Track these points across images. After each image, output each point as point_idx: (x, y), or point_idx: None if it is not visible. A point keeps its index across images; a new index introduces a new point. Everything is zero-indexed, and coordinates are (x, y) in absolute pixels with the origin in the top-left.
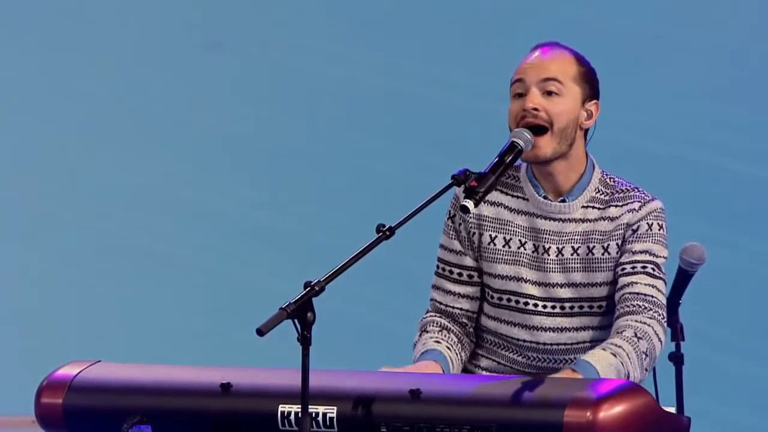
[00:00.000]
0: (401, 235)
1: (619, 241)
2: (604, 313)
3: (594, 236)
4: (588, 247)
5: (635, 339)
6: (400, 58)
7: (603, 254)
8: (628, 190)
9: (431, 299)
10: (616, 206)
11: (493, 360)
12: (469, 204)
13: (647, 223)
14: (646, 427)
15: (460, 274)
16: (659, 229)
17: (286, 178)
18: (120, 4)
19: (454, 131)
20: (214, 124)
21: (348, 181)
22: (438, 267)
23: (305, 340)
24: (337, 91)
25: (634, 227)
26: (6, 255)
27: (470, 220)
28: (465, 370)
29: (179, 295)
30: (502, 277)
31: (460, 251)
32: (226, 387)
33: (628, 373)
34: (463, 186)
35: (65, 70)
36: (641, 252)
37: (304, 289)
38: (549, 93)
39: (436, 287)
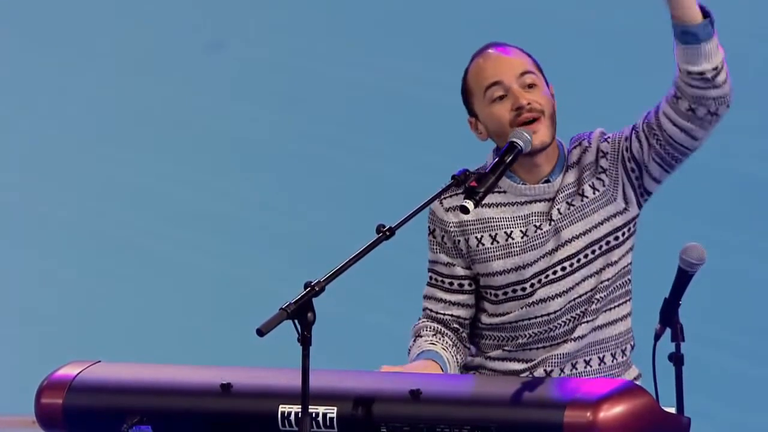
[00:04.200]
0: (401, 235)
1: (592, 181)
2: (599, 256)
3: (568, 191)
4: (567, 202)
5: None
6: (400, 59)
7: (582, 201)
8: (573, 139)
9: (423, 308)
10: (570, 152)
11: (503, 349)
12: (469, 204)
13: (606, 140)
14: (646, 427)
15: (451, 284)
16: (612, 133)
17: (286, 179)
18: (120, 4)
19: (454, 131)
20: (214, 125)
21: (348, 181)
22: (430, 278)
23: (305, 341)
24: (337, 92)
25: (601, 153)
26: (6, 255)
27: (451, 229)
28: (470, 365)
29: (180, 296)
30: (501, 273)
31: (448, 263)
32: (226, 387)
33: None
34: (443, 201)
35: (65, 70)
36: (629, 127)
37: (305, 289)
38: (530, 86)
39: (427, 297)
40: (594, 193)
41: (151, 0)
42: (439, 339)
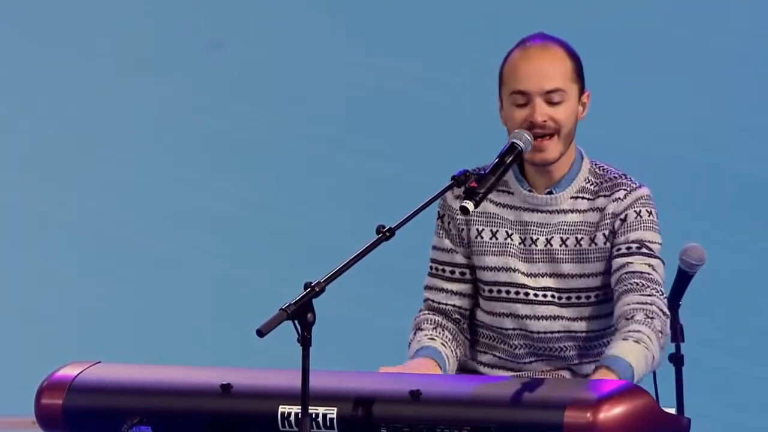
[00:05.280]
0: (401, 235)
1: (606, 232)
2: (597, 304)
3: (583, 227)
4: (576, 238)
5: (649, 320)
6: (400, 59)
7: (590, 245)
8: (615, 179)
9: (424, 299)
10: (604, 196)
11: (493, 354)
12: (469, 205)
13: (635, 211)
14: (646, 428)
15: (452, 272)
16: (648, 216)
17: (286, 179)
18: (120, 4)
19: (454, 131)
20: (214, 125)
21: (348, 182)
22: (431, 268)
23: (305, 341)
24: (337, 92)
25: (622, 216)
26: (6, 255)
27: (458, 217)
28: (465, 367)
29: (180, 296)
30: (491, 269)
31: (451, 249)
32: (226, 388)
33: (653, 357)
34: (453, 188)
35: (65, 70)
36: (634, 240)
37: (305, 289)
38: (554, 103)
39: (429, 287)
40: (605, 244)
41: (151, 0)
42: (439, 333)
